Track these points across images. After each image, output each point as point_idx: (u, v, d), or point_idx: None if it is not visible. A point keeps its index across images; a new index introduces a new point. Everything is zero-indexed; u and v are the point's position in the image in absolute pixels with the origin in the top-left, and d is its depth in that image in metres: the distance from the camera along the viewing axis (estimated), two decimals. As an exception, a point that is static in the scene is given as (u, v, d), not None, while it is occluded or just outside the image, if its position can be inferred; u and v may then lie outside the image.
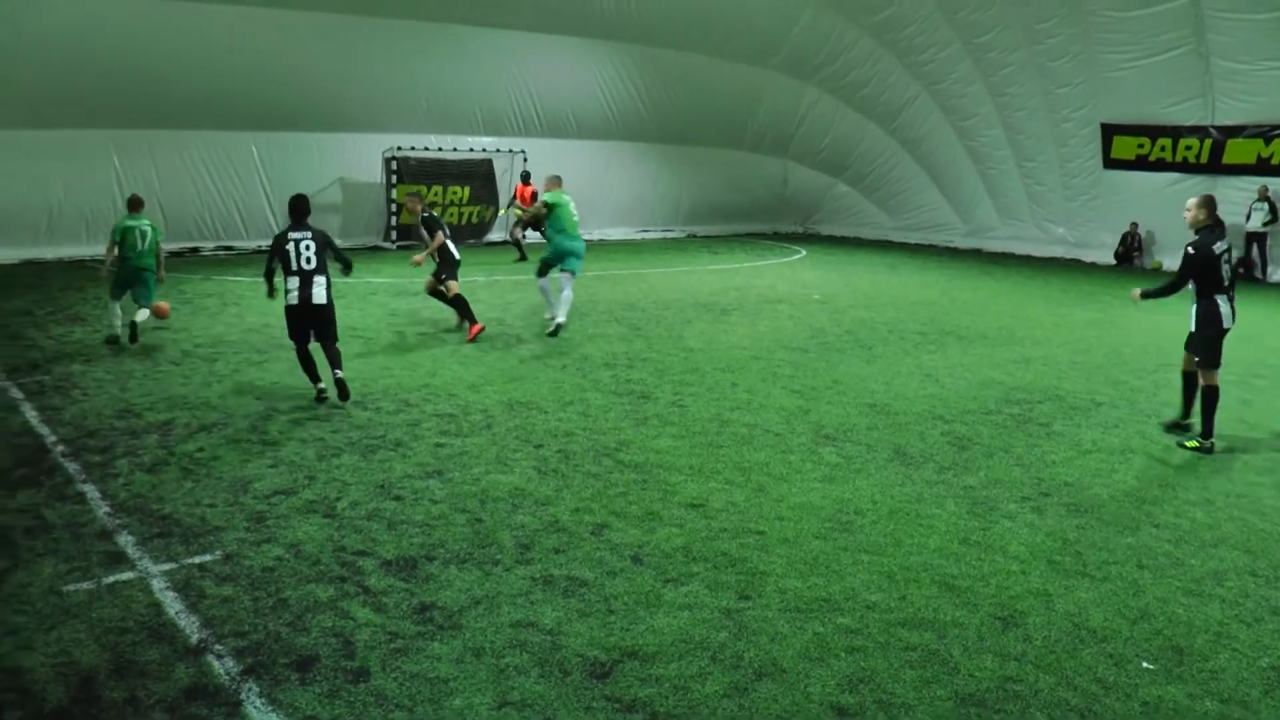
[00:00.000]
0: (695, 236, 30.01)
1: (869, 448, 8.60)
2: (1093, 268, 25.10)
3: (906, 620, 5.39)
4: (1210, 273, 8.78)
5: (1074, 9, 23.69)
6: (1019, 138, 27.10)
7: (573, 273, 13.59)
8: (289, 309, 9.74)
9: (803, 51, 28.63)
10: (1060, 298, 18.89)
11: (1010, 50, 25.70)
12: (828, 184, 32.32)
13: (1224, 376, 11.94)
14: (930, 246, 29.10)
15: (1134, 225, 25.34)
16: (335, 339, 9.88)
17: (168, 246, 21.14)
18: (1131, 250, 25.36)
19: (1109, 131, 25.35)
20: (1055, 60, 25.04)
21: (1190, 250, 8.80)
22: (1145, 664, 5.05)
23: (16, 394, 9.76)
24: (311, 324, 9.75)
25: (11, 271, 18.73)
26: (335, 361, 9.75)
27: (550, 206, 13.51)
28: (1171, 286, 9.10)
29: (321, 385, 9.75)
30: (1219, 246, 8.77)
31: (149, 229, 12.41)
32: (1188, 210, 8.98)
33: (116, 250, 12.29)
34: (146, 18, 19.69)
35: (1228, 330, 8.91)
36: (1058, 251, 27.11)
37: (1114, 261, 25.64)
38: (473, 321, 12.93)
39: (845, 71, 29.12)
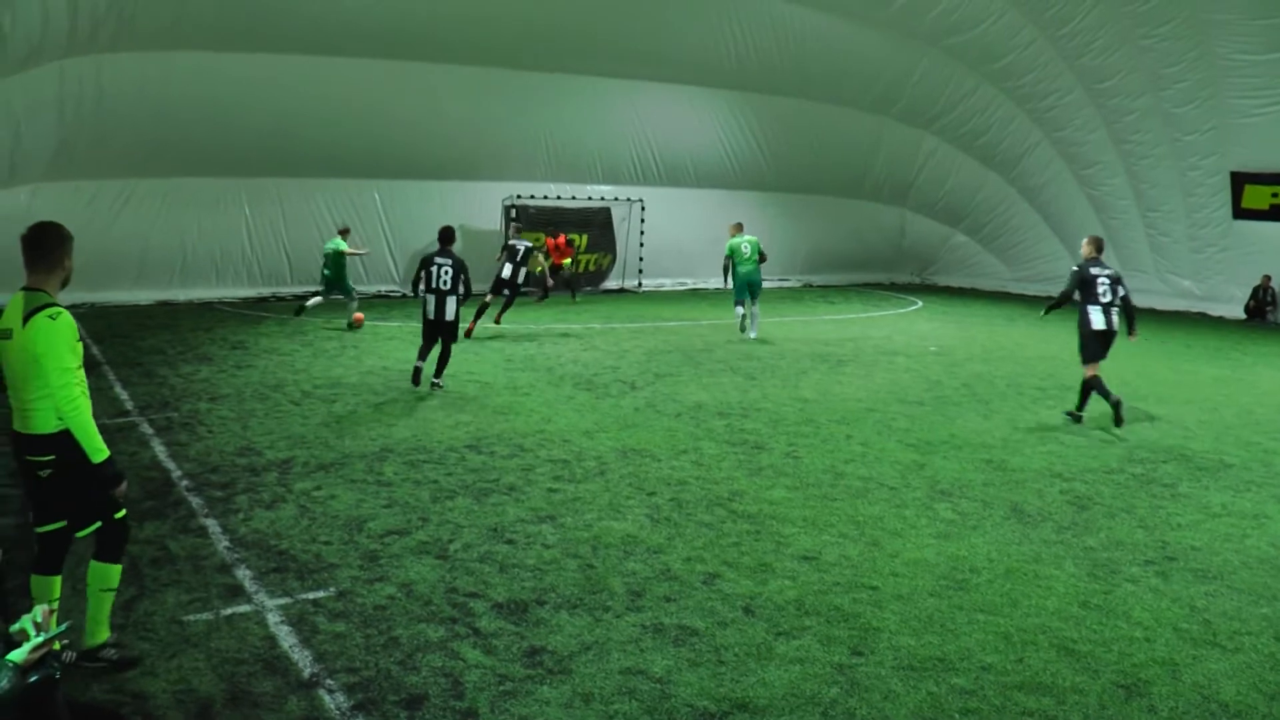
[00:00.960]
0: (812, 286, 29.92)
1: (985, 504, 8.45)
2: (1220, 322, 24.22)
3: (1024, 684, 5.27)
4: (1087, 287, 11.55)
5: (1203, 53, 23.09)
6: (1143, 186, 26.41)
7: (753, 297, 17.69)
8: (425, 320, 12.48)
9: (921, 100, 28.46)
10: (1185, 353, 18.30)
11: (1134, 96, 25.13)
12: (945, 234, 31.91)
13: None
14: (1050, 298, 28.42)
15: (1266, 278, 24.41)
16: (453, 341, 12.75)
17: (293, 290, 22.08)
18: (1264, 304, 24.42)
19: (1240, 180, 24.53)
20: (1182, 106, 24.40)
21: (1074, 268, 11.84)
22: (1280, 741, 4.86)
23: (147, 429, 10.23)
24: (439, 333, 12.50)
25: (147, 312, 19.64)
26: (443, 363, 12.55)
27: (732, 250, 17.66)
28: (1063, 296, 11.89)
29: (420, 365, 12.50)
30: (1095, 270, 11.59)
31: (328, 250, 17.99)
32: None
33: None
34: (275, 74, 20.60)
35: (1100, 332, 11.55)
36: (1183, 305, 26.24)
37: (1244, 316, 24.70)
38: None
39: (964, 119, 28.83)
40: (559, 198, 25.56)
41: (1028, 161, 28.75)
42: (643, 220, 26.18)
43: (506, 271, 17.76)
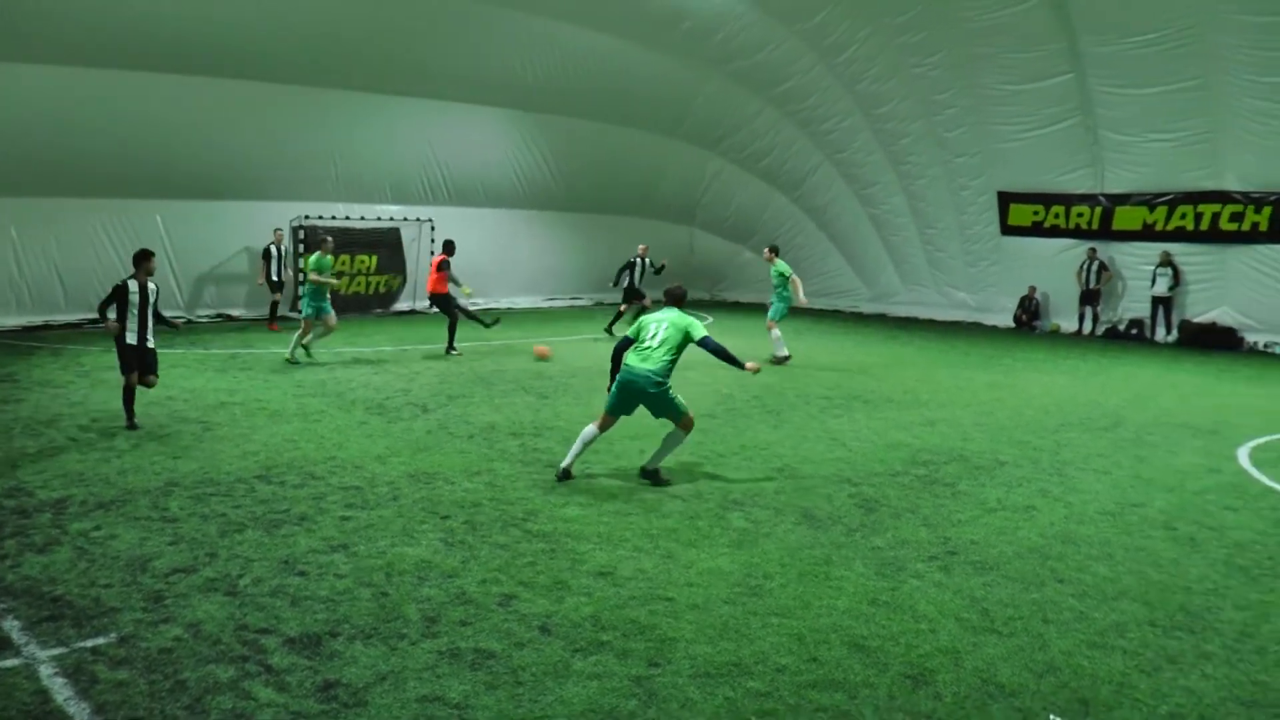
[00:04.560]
0: (604, 304, 30.12)
1: (777, 511, 8.63)
2: (994, 330, 25.75)
3: (817, 682, 5.37)
4: None
5: (969, 83, 24.57)
6: (920, 205, 27.85)
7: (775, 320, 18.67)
8: (129, 346, 11.39)
9: (707, 122, 29.19)
10: (963, 361, 19.31)
11: (909, 120, 26.46)
12: (733, 251, 32.76)
13: (1122, 435, 12.32)
14: (836, 312, 29.60)
15: (1031, 289, 26.15)
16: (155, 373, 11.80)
17: (67, 318, 20.68)
18: (1030, 314, 26.15)
19: (1005, 199, 26.28)
20: (952, 131, 25.88)
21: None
22: (1052, 716, 5.10)
23: (-105, 474, 9.33)
24: (144, 361, 11.51)
25: (-105, 347, 18.02)
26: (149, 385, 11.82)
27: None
28: None
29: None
30: None
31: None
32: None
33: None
34: (45, 86, 19.28)
35: None
36: (960, 315, 27.78)
37: (1014, 324, 26.36)
38: None
39: (749, 141, 29.75)
40: (347, 218, 24.90)
41: (811, 182, 29.87)
42: (433, 240, 25.74)
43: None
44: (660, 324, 9.63)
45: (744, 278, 32.84)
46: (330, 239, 18.18)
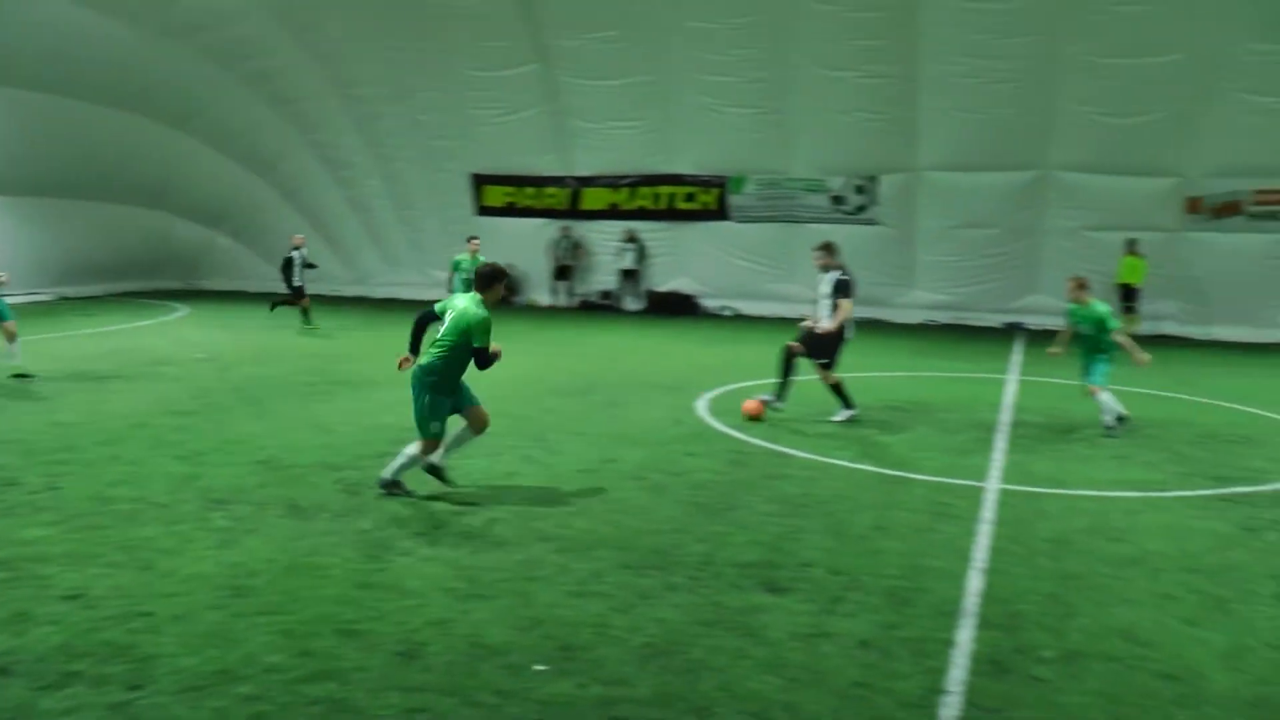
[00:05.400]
0: (67, 299, 27.06)
1: (261, 506, 8.21)
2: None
3: (309, 675, 5.17)
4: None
5: (444, 67, 25.06)
6: (397, 187, 27.95)
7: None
8: None
9: (173, 98, 26.97)
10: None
11: (385, 103, 26.43)
12: (209, 237, 30.91)
13: (596, 398, 13.13)
14: (317, 296, 28.87)
15: (509, 266, 27.22)
16: None
17: None
18: (509, 290, 27.24)
19: (480, 181, 27.17)
20: (428, 113, 26.22)
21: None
22: (538, 666, 5.31)
23: None
24: None
25: None
26: None
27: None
28: None
29: None
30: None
31: None
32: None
33: None
34: None
35: None
36: (441, 294, 28.09)
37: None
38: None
39: (219, 120, 27.98)
40: None
41: (286, 163, 28.86)
42: None
43: None
44: (452, 312, 8.67)
45: (222, 263, 31.19)
46: None
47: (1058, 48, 20.88)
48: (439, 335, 8.66)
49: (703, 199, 25.57)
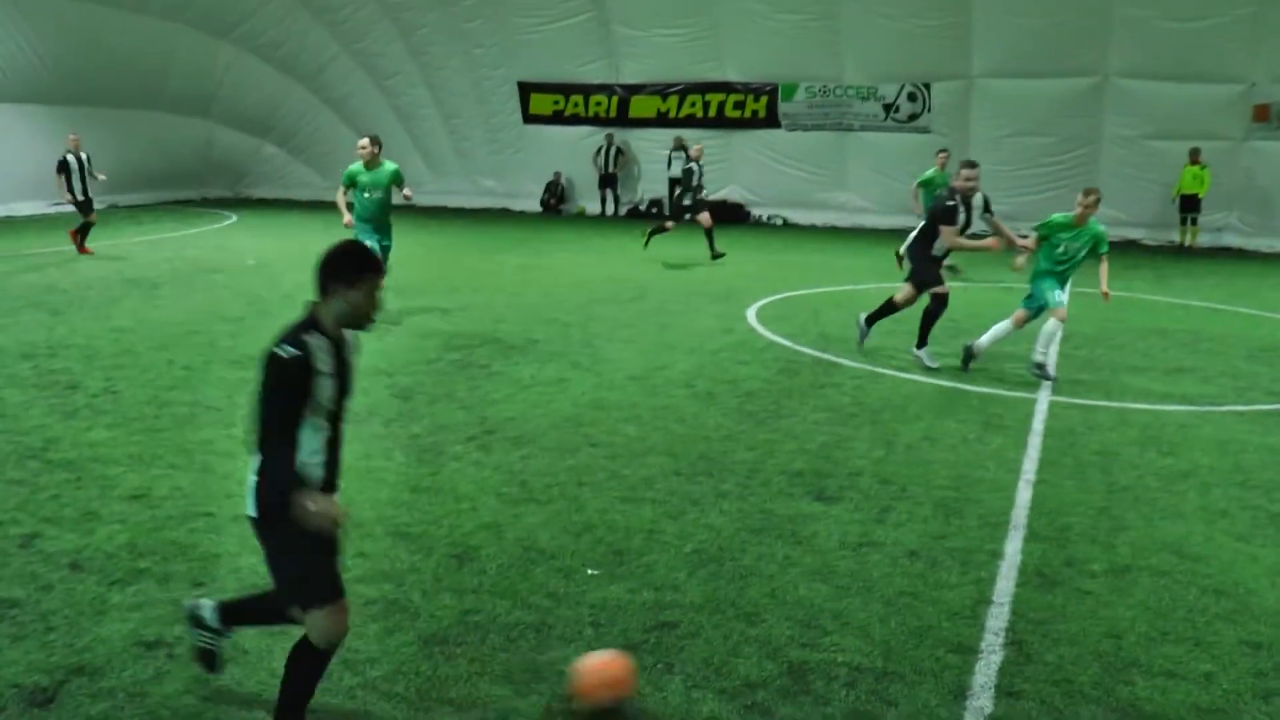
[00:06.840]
0: (117, 206, 27.30)
1: (314, 409, 8.32)
2: (522, 216, 26.48)
3: (365, 576, 5.27)
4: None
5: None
6: (442, 95, 27.73)
7: None
8: None
9: (215, 7, 26.86)
10: (494, 246, 19.66)
11: (425, 10, 26.12)
12: (255, 145, 30.90)
13: (646, 306, 13.13)
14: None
15: (557, 174, 27.15)
16: None
17: None
18: (557, 198, 27.26)
19: (526, 89, 26.88)
20: (470, 21, 25.91)
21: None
22: (590, 570, 5.38)
23: None
24: None
25: None
26: None
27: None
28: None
29: None
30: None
31: None
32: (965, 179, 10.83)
33: None
34: None
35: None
36: (488, 203, 28.25)
37: (540, 209, 27.27)
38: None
39: (261, 29, 27.82)
40: None
41: (329, 72, 28.70)
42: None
43: None
44: None
45: (268, 172, 31.23)
46: None
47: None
48: None
49: (751, 107, 25.17)
